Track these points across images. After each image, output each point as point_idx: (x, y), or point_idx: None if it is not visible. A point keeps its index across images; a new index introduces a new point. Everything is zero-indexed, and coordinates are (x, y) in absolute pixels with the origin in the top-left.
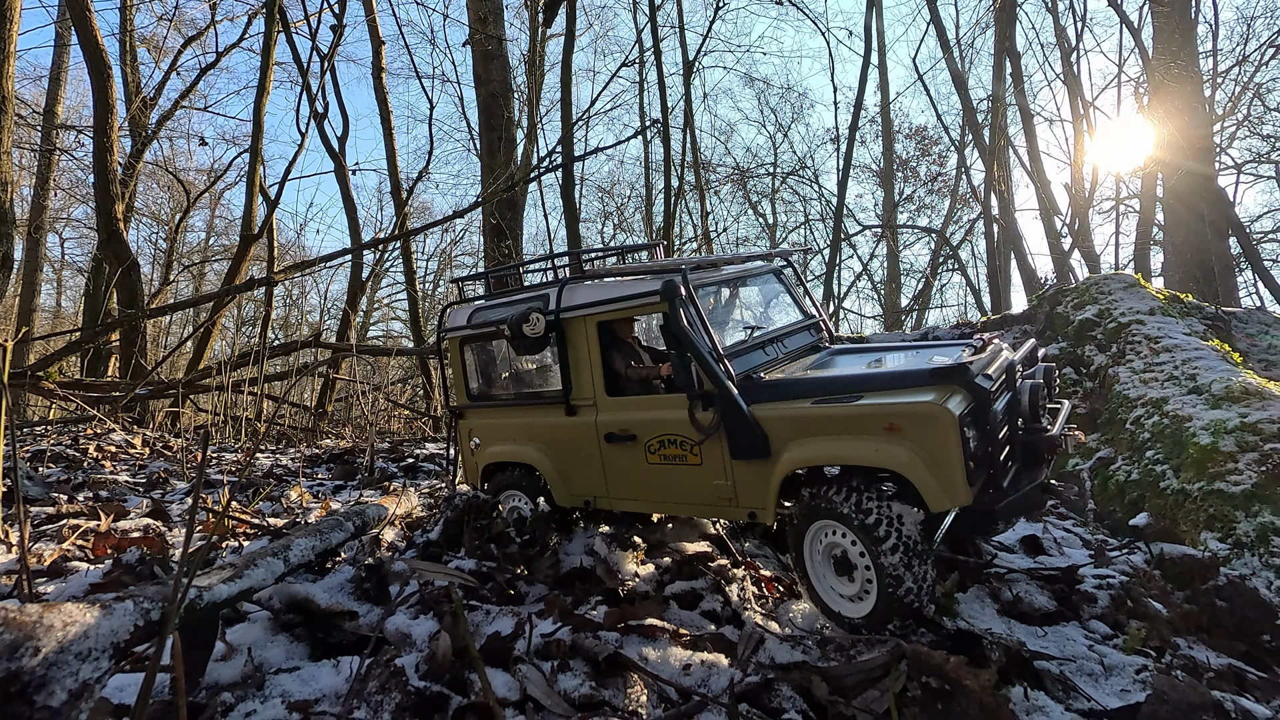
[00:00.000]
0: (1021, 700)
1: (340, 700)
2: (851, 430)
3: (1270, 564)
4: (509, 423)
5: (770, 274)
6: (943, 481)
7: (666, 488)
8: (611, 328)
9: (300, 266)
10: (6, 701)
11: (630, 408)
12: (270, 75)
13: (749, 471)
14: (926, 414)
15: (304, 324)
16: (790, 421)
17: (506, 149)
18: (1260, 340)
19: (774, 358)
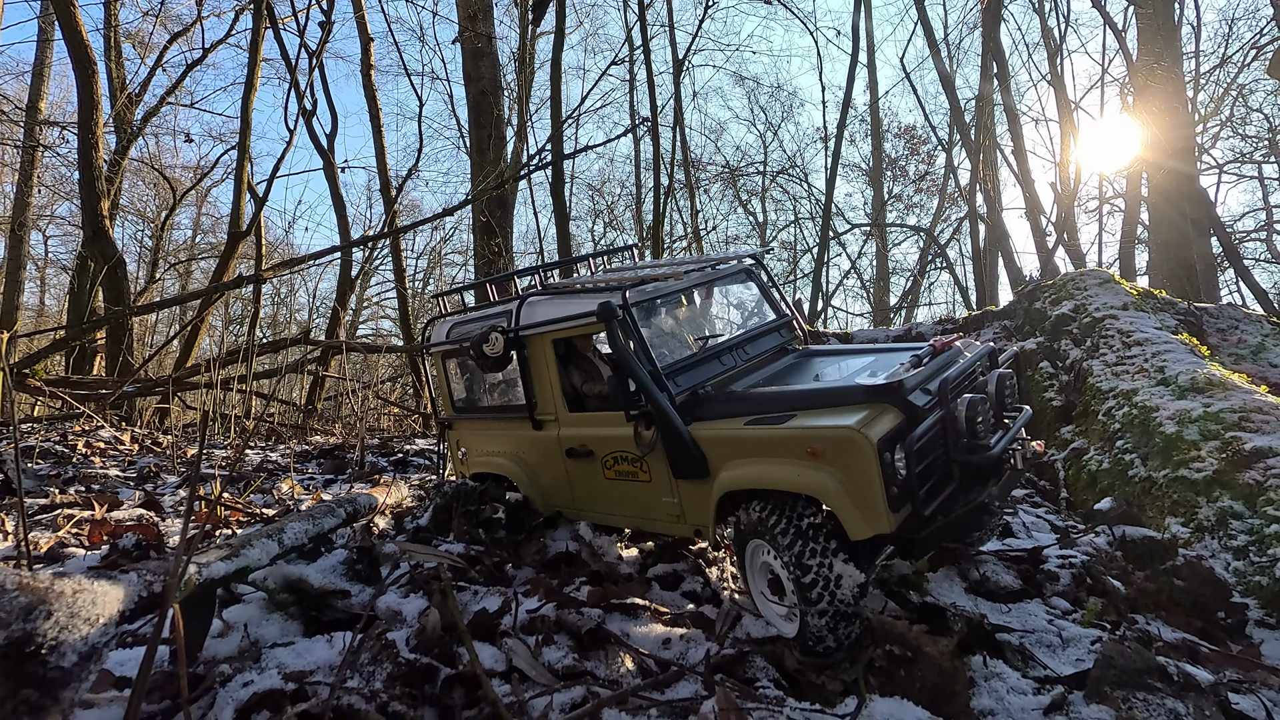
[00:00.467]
0: (981, 668)
1: (334, 671)
2: (778, 453)
3: (1228, 546)
4: (488, 435)
5: (742, 274)
6: (863, 509)
7: (623, 502)
8: (569, 344)
9: (289, 264)
10: (21, 661)
11: (588, 424)
12: (258, 72)
13: (692, 490)
14: (846, 439)
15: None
16: (725, 442)
17: (496, 147)
18: (1231, 335)
19: (730, 366)
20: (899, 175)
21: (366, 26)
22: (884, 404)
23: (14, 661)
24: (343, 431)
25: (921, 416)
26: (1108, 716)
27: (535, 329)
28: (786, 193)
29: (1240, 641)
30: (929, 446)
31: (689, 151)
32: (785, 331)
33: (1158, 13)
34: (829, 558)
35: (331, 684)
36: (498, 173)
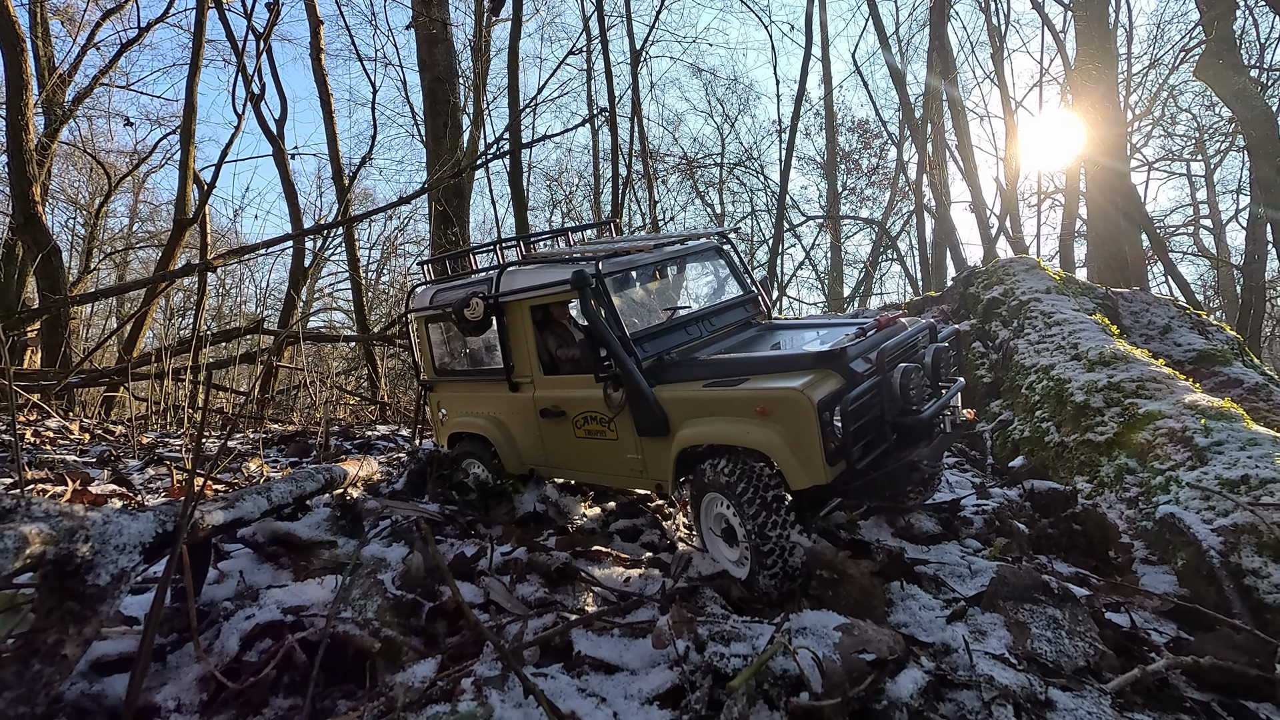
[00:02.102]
0: (899, 591)
1: (328, 607)
2: (730, 412)
3: (1123, 497)
4: (467, 396)
5: (711, 251)
6: (803, 462)
7: (592, 459)
8: (546, 310)
9: (240, 252)
10: (63, 578)
11: (561, 386)
12: (202, 53)
13: (654, 447)
14: (790, 399)
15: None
16: (684, 403)
17: (453, 135)
18: (1142, 317)
19: (696, 336)
20: (852, 168)
21: (316, 8)
22: (827, 369)
23: (58, 578)
24: (301, 420)
25: (860, 381)
26: (998, 621)
27: (514, 295)
28: (743, 184)
29: (1126, 576)
30: (865, 408)
31: (647, 142)
32: (750, 307)
33: (1093, 15)
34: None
35: (327, 615)
36: (454, 161)
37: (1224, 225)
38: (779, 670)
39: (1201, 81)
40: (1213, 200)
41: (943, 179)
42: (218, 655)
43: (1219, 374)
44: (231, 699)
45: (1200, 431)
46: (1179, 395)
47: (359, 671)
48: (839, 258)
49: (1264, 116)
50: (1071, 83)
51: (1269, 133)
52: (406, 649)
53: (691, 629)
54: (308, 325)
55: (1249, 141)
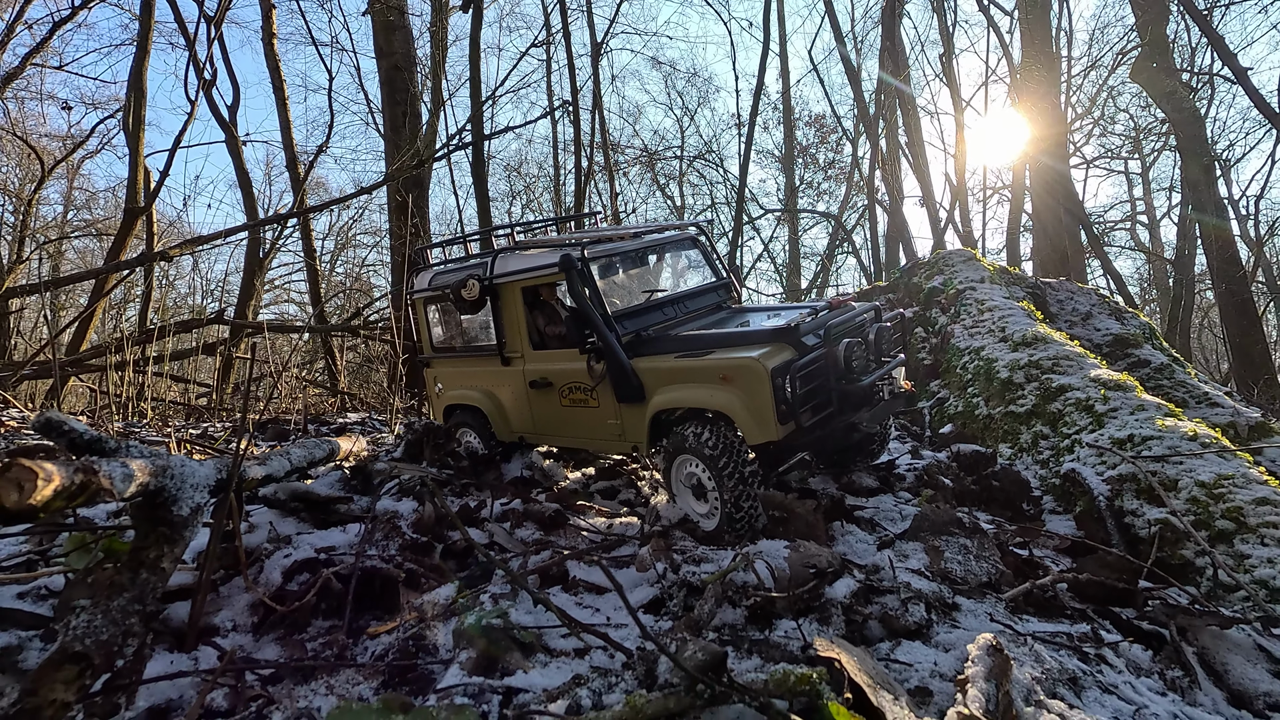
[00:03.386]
0: (839, 529)
1: (353, 548)
2: (698, 380)
3: (1038, 459)
4: (461, 371)
5: (688, 241)
6: (758, 421)
7: (575, 425)
8: (535, 291)
9: (196, 242)
10: (153, 509)
11: (548, 359)
12: (151, 36)
13: (631, 413)
14: (748, 367)
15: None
16: (658, 373)
17: (412, 124)
18: (1067, 305)
19: (671, 317)
20: (809, 162)
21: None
22: (782, 342)
23: (149, 508)
24: (269, 410)
25: (810, 352)
26: (919, 548)
27: (507, 278)
28: (704, 177)
29: (1035, 523)
30: (812, 375)
31: (608, 134)
32: (722, 292)
33: (1036, 18)
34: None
35: (355, 552)
36: (414, 151)
37: (1158, 221)
38: (739, 581)
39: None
40: (1148, 197)
41: (895, 174)
42: (264, 586)
43: (1131, 355)
44: (279, 621)
45: (1100, 400)
46: (1087, 370)
47: (386, 598)
48: (796, 250)
49: (1193, 118)
50: (1016, 83)
51: (1197, 133)
52: (426, 578)
53: (668, 555)
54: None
55: (1179, 141)
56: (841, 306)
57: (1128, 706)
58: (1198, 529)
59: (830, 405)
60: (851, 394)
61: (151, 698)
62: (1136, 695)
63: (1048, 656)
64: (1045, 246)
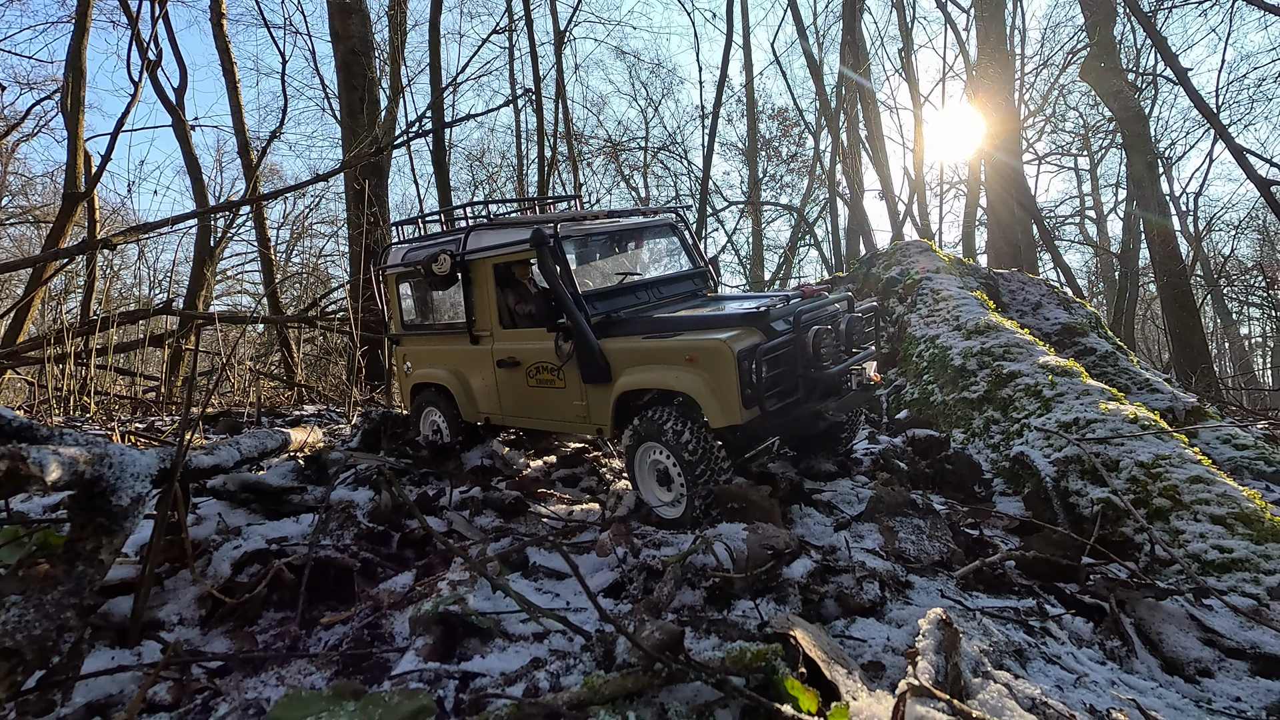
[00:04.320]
0: (798, 511)
1: (306, 538)
2: (664, 361)
3: (989, 443)
4: (430, 349)
5: (666, 228)
6: (722, 404)
7: (541, 406)
8: (508, 268)
9: (141, 229)
10: (91, 499)
11: (517, 339)
12: (90, 13)
13: (597, 394)
14: (714, 349)
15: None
16: (625, 353)
17: (370, 110)
18: (1018, 295)
19: (644, 301)
20: (773, 155)
21: None
22: (752, 326)
23: (87, 497)
24: (220, 403)
25: (778, 338)
26: (874, 529)
27: (479, 254)
28: (668, 169)
29: (985, 505)
30: (779, 360)
31: (571, 124)
32: (698, 280)
33: (991, 16)
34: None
35: (309, 543)
36: (373, 138)
37: (1105, 216)
38: (699, 564)
39: (1086, 82)
40: (1096, 193)
41: (856, 168)
42: (212, 578)
43: (1078, 343)
44: (228, 614)
45: (1048, 385)
46: (1035, 357)
47: (341, 589)
48: (760, 242)
49: (1138, 116)
50: (972, 80)
51: (1141, 132)
52: (383, 568)
53: (628, 540)
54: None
55: (1125, 139)
56: (814, 295)
57: (1069, 675)
58: (1137, 507)
59: (796, 392)
60: (819, 382)
61: (90, 694)
62: (1077, 665)
63: (995, 630)
64: (1000, 239)
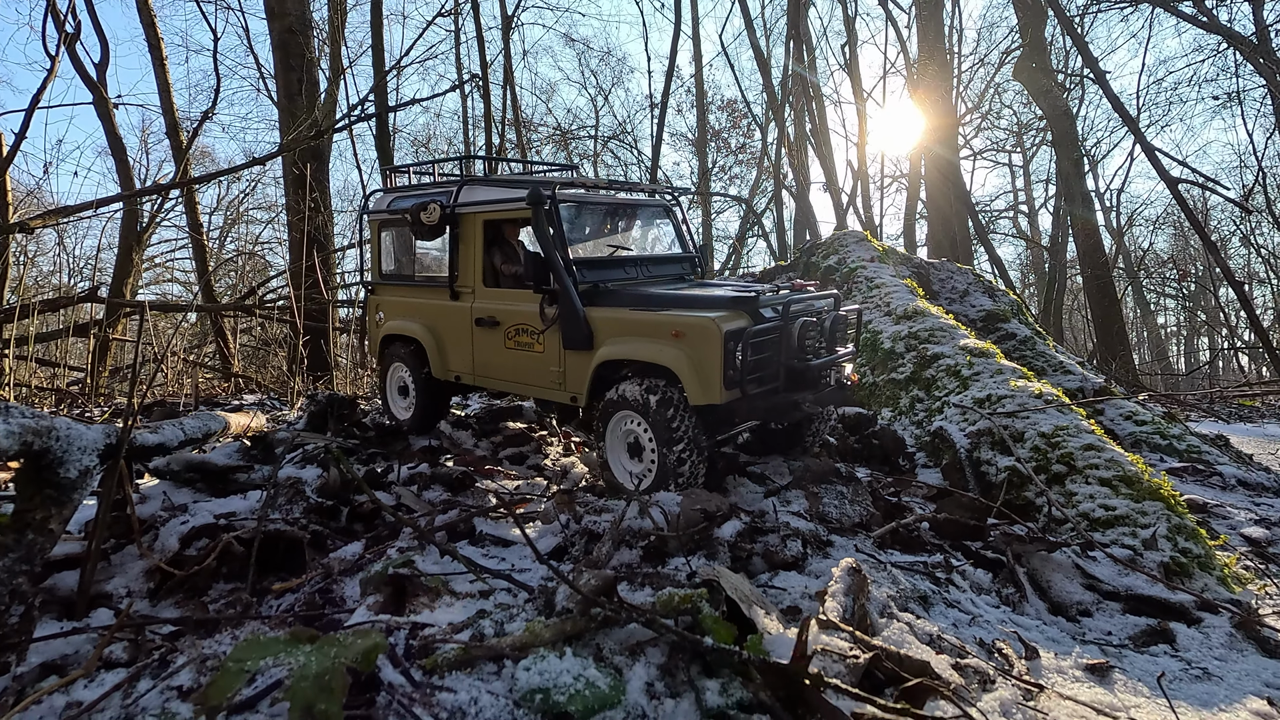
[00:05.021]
0: (732, 482)
1: (255, 513)
2: (649, 334)
3: (914, 420)
4: (407, 301)
5: (661, 209)
6: (703, 382)
7: (516, 369)
8: (497, 226)
9: (61, 212)
10: (39, 470)
11: (499, 298)
12: None
13: (576, 361)
14: (702, 326)
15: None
16: (610, 322)
17: (309, 93)
18: (948, 283)
19: (633, 277)
20: (722, 146)
21: None
22: (740, 310)
23: (34, 470)
24: (153, 393)
25: (765, 324)
26: (800, 495)
27: (470, 207)
28: (618, 158)
29: (908, 475)
30: (763, 346)
31: (520, 110)
32: (687, 265)
33: (930, 14)
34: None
35: (258, 517)
36: (312, 121)
37: (1036, 211)
38: (636, 527)
39: (1019, 81)
40: (1028, 189)
41: (802, 160)
42: (159, 553)
43: (1000, 329)
44: (177, 586)
45: (966, 366)
46: (957, 340)
47: (291, 561)
48: (709, 233)
49: (1065, 115)
50: (912, 76)
51: (1069, 129)
52: (333, 540)
53: (571, 508)
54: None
55: (1054, 137)
56: (802, 290)
57: (966, 616)
58: (1038, 473)
59: (776, 380)
60: (799, 373)
61: (44, 656)
62: (974, 608)
63: (903, 580)
64: (940, 231)
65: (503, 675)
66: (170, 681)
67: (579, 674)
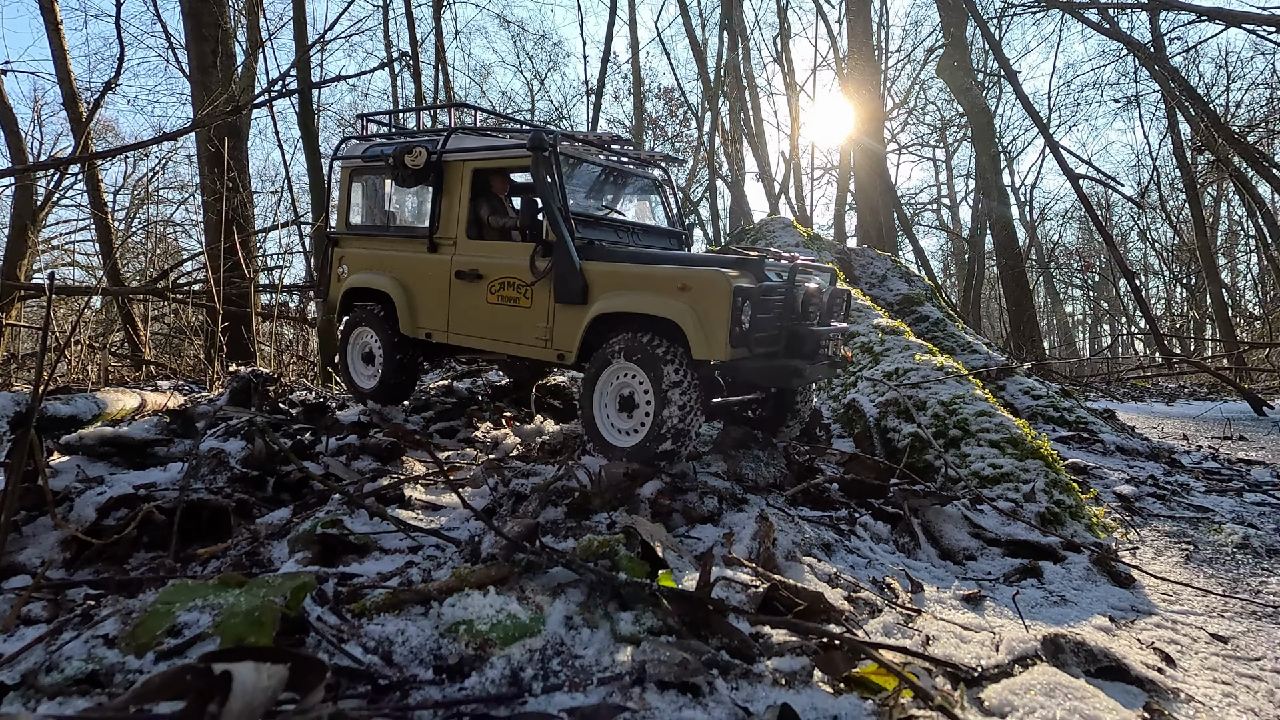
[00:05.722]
0: None
1: (176, 484)
2: (652, 288)
3: (832, 395)
4: (376, 254)
5: (651, 184)
6: (709, 336)
7: (497, 326)
8: (486, 177)
9: None
10: None
11: (483, 251)
12: None
13: (566, 316)
14: (711, 279)
15: None
16: (609, 275)
17: (224, 66)
18: (868, 268)
19: (624, 242)
20: (659, 135)
21: None
22: (746, 270)
23: None
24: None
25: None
26: (720, 458)
27: (458, 154)
28: None
29: (824, 443)
30: (769, 306)
31: (453, 92)
32: (674, 240)
33: (858, 10)
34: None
35: (180, 486)
36: (229, 96)
37: (958, 204)
38: (561, 487)
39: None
40: (950, 183)
41: (737, 150)
42: (75, 523)
43: (915, 311)
44: (96, 555)
45: (878, 343)
46: (871, 319)
47: (215, 530)
48: None
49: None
50: (841, 70)
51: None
52: (260, 508)
53: (500, 472)
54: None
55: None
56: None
57: (863, 560)
58: (936, 438)
59: (778, 343)
60: (801, 338)
61: None
62: (872, 554)
63: (810, 530)
64: (868, 222)
65: (429, 615)
66: (95, 631)
67: (501, 608)
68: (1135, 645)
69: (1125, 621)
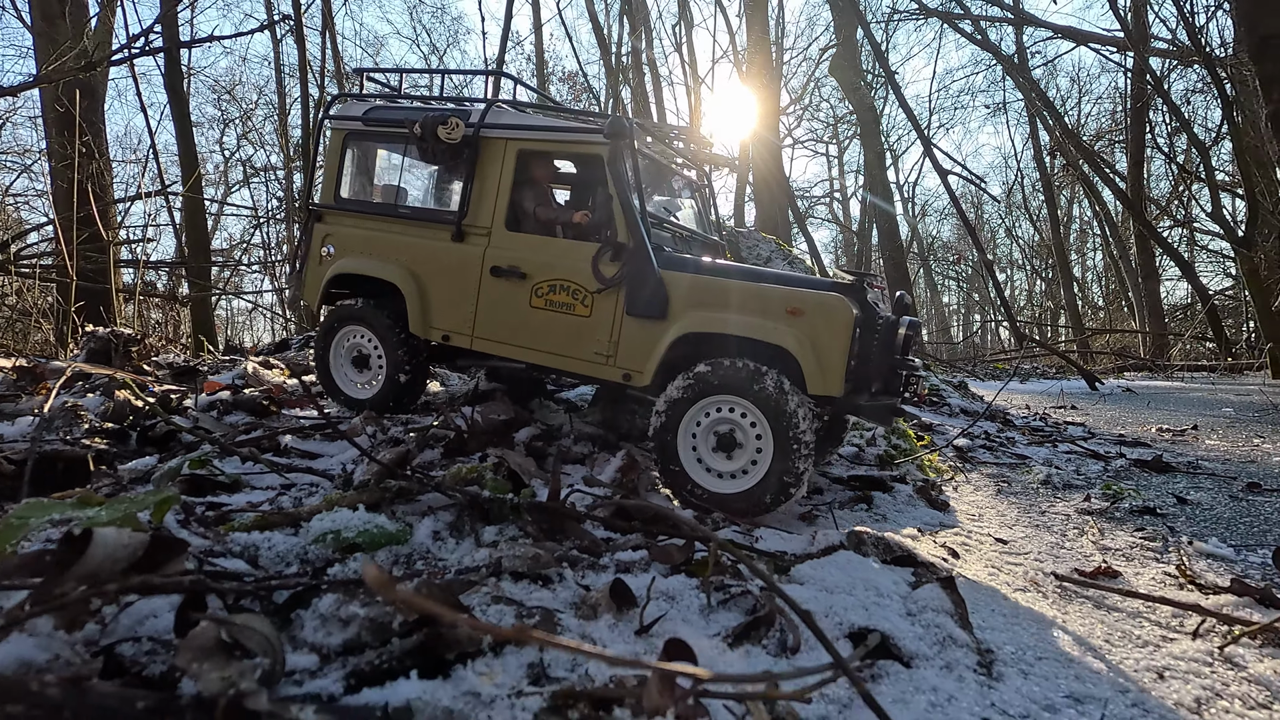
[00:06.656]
0: (537, 405)
1: (26, 436)
2: (753, 308)
3: None
4: (376, 235)
5: (689, 185)
6: (825, 369)
7: (542, 334)
8: (531, 160)
9: None
10: None
11: (528, 246)
12: None
13: (639, 331)
14: (830, 305)
15: None
16: (696, 287)
17: (75, 17)
18: (754, 251)
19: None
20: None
21: None
22: (850, 298)
23: None
24: None
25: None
26: (597, 409)
27: (501, 131)
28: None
29: None
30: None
31: (342, 62)
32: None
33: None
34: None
35: (31, 438)
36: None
37: (848, 199)
38: (438, 433)
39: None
40: (842, 178)
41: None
42: None
43: None
44: None
45: None
46: None
47: (72, 480)
48: None
49: (871, 111)
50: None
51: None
52: (122, 460)
53: (378, 423)
54: None
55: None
56: None
57: None
58: None
59: (879, 379)
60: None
61: None
62: None
63: None
64: (764, 214)
65: (299, 533)
66: None
67: (370, 521)
68: (931, 545)
69: (931, 531)
